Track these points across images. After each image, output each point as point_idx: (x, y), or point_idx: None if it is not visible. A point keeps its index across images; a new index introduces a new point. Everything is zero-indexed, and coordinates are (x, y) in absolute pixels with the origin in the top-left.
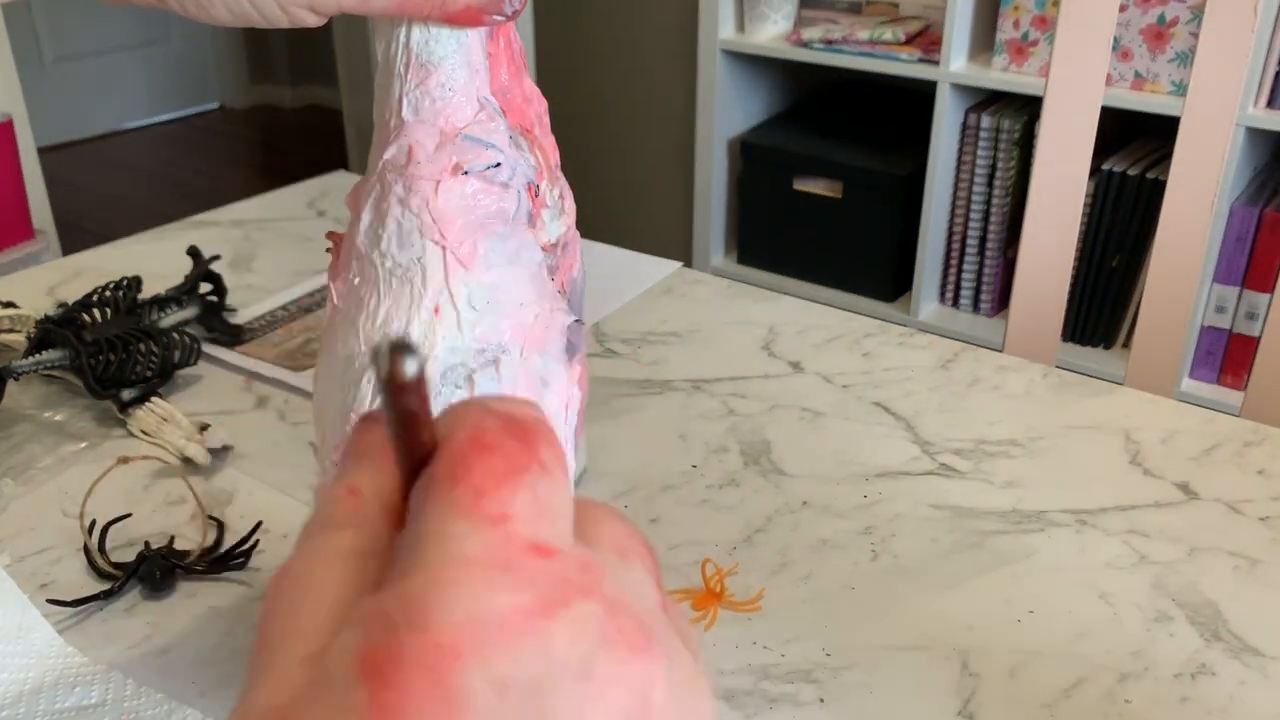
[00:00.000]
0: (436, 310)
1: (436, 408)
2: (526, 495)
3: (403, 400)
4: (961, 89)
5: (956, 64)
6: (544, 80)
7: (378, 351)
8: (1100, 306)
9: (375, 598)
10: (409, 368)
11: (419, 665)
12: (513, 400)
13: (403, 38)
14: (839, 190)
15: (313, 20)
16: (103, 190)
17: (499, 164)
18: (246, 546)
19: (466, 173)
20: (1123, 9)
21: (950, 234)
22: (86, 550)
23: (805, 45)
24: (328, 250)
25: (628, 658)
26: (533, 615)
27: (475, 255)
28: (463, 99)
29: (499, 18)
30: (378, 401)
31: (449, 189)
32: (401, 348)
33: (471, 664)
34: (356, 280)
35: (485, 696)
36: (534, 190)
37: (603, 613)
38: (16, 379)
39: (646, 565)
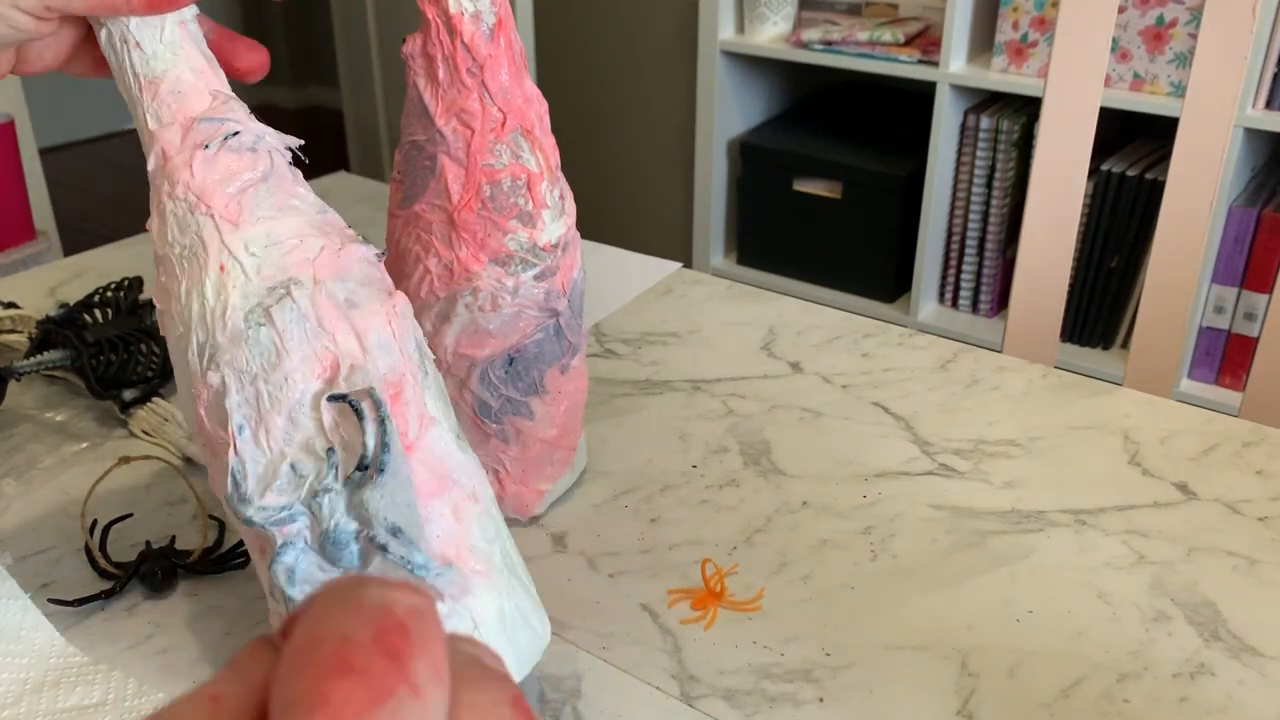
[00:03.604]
0: (222, 268)
1: (249, 350)
2: None
3: None
4: (961, 90)
5: (956, 65)
6: (544, 81)
7: None
8: (1099, 307)
9: None
10: None
11: None
12: (395, 587)
13: (129, 66)
14: (839, 191)
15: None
16: (104, 191)
17: (237, 132)
18: (248, 546)
19: (208, 147)
20: (1121, 10)
21: (949, 234)
22: (88, 550)
23: (805, 46)
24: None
25: None
26: None
27: (241, 211)
28: (193, 96)
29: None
30: (208, 375)
31: (200, 167)
32: None
33: None
34: (164, 279)
35: None
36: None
37: None
38: (18, 379)
39: None
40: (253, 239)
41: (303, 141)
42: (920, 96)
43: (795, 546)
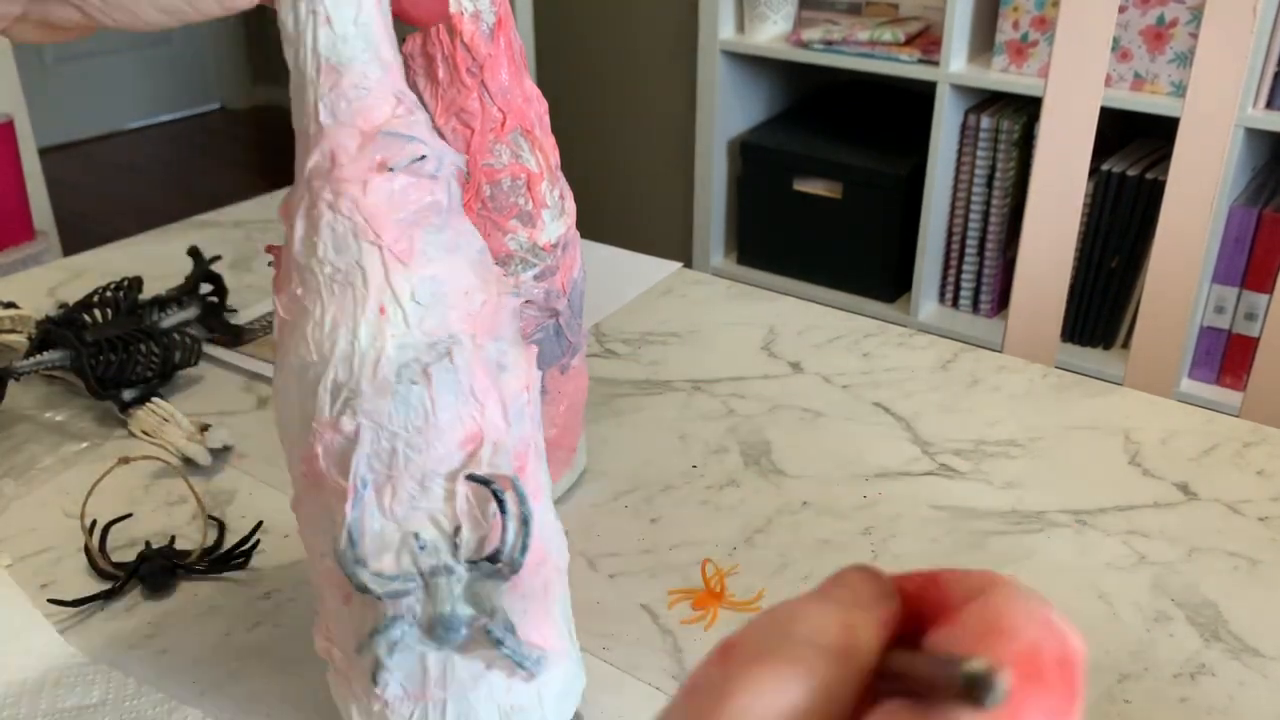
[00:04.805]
0: (382, 310)
1: (396, 406)
2: None
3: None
4: (961, 89)
5: (956, 65)
6: (544, 80)
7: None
8: (1099, 307)
9: None
10: (995, 697)
11: None
12: (1047, 609)
13: (309, 42)
14: (839, 190)
15: (244, 3)
16: (103, 190)
17: (424, 156)
18: (247, 546)
19: (392, 169)
20: (1122, 10)
21: (950, 234)
22: (87, 550)
23: (805, 46)
24: (270, 264)
25: None
26: None
27: (413, 250)
28: (378, 97)
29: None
30: (341, 418)
31: (377, 188)
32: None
33: None
34: (299, 291)
35: None
36: (462, 178)
37: None
38: (18, 379)
39: None
40: (420, 285)
41: (465, 157)
42: (920, 96)
43: (796, 547)
